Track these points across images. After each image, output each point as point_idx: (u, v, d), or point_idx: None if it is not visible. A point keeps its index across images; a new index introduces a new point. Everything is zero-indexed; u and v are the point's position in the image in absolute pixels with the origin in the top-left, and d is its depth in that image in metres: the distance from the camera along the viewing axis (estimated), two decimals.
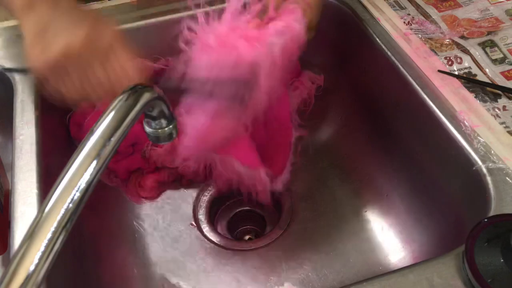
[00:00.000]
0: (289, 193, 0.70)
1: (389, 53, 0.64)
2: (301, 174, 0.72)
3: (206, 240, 0.66)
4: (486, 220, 0.43)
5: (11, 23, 0.70)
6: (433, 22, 0.68)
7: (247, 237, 0.70)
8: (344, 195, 0.71)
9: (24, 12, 0.46)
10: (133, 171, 0.70)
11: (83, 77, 0.45)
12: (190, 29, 0.54)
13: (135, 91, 0.38)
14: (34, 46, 0.45)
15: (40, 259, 0.29)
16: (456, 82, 0.59)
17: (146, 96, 0.39)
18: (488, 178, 0.50)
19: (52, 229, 0.30)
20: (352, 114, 0.76)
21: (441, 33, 0.66)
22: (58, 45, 0.43)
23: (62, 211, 0.31)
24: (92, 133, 0.35)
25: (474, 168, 0.51)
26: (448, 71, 0.61)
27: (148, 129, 0.47)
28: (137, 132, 0.64)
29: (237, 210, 0.72)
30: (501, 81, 0.59)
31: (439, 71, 0.60)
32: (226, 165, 0.63)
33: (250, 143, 0.63)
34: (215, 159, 0.64)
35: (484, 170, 0.51)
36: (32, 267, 0.29)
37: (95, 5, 0.72)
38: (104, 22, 0.47)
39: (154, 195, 0.70)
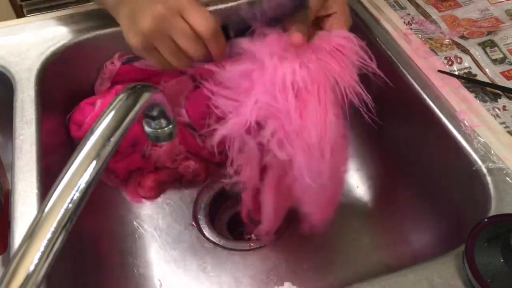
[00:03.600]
0: None
1: (389, 53, 0.64)
2: None
3: (206, 240, 0.66)
4: (486, 220, 0.43)
5: (12, 22, 0.70)
6: (433, 22, 0.68)
7: (247, 237, 0.70)
8: (344, 195, 0.71)
9: (117, 8, 0.54)
10: (133, 171, 0.70)
11: (173, 40, 0.49)
12: None
13: (135, 90, 0.38)
14: (129, 30, 0.51)
15: (40, 259, 0.30)
16: (456, 82, 0.59)
17: (145, 96, 0.39)
18: (488, 178, 0.50)
19: (52, 229, 0.31)
20: (351, 114, 0.76)
21: (441, 33, 0.66)
22: (145, 21, 0.48)
23: (62, 211, 0.31)
24: (91, 133, 0.35)
25: (474, 168, 0.51)
26: (448, 71, 0.60)
27: (148, 129, 0.47)
28: (137, 132, 0.64)
29: (237, 210, 0.71)
30: (501, 81, 0.59)
31: (439, 71, 0.60)
32: None
33: None
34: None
35: (484, 170, 0.51)
36: (32, 267, 0.29)
37: (90, 7, 0.72)
38: None
39: (154, 195, 0.70)
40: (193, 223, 0.68)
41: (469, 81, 0.59)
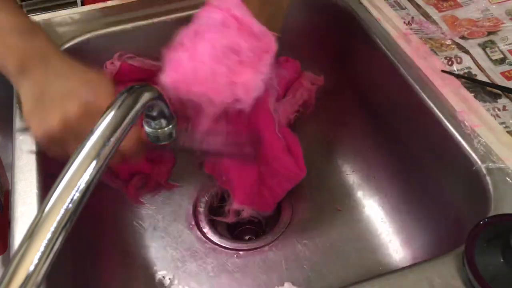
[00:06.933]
0: (289, 193, 0.70)
1: (389, 53, 0.64)
2: None
3: (206, 240, 0.66)
4: (486, 220, 0.43)
5: None
6: (434, 22, 0.68)
7: (247, 237, 0.70)
8: (344, 195, 0.71)
9: (19, 78, 0.46)
10: (135, 173, 0.70)
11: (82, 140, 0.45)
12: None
13: (135, 90, 0.38)
14: (32, 115, 0.45)
15: (40, 259, 0.29)
16: (456, 82, 0.59)
17: (145, 96, 0.39)
18: (488, 178, 0.50)
19: (52, 229, 0.30)
20: (352, 114, 0.76)
21: (442, 33, 0.66)
22: (55, 118, 0.43)
23: (62, 211, 0.31)
24: (91, 133, 0.35)
25: (474, 168, 0.51)
26: (448, 71, 0.60)
27: (148, 129, 0.47)
28: None
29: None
30: (501, 81, 0.59)
31: (443, 71, 0.60)
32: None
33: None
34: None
35: (484, 170, 0.50)
36: (32, 267, 0.29)
37: (90, 7, 0.72)
38: (98, 81, 0.47)
39: (153, 195, 0.70)
40: (193, 223, 0.68)
41: (470, 81, 0.59)
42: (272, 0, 0.57)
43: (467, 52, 0.63)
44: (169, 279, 0.63)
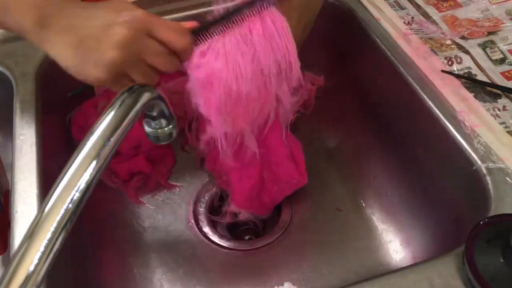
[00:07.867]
0: None
1: (389, 53, 0.64)
2: None
3: (206, 240, 0.66)
4: (486, 220, 0.43)
5: None
6: (434, 22, 0.68)
7: (247, 237, 0.70)
8: (344, 195, 0.71)
9: (42, 32, 0.43)
10: (135, 173, 0.70)
11: (146, 62, 0.44)
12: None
13: (135, 90, 0.38)
14: (82, 64, 0.42)
15: (40, 259, 0.30)
16: (456, 82, 0.59)
17: (145, 96, 0.39)
18: (488, 178, 0.50)
19: (52, 229, 0.31)
20: (352, 114, 0.76)
21: (442, 33, 0.66)
22: (109, 49, 0.41)
23: (62, 211, 0.31)
24: (91, 133, 0.35)
25: (474, 168, 0.51)
26: (448, 71, 0.60)
27: (148, 129, 0.47)
28: (140, 134, 0.64)
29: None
30: (501, 81, 0.59)
31: (443, 71, 0.60)
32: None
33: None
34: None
35: (484, 170, 0.51)
36: (32, 267, 0.29)
37: None
38: (123, 3, 0.45)
39: (153, 195, 0.70)
40: (193, 223, 0.68)
41: (470, 81, 0.59)
42: (307, 11, 0.57)
43: (467, 52, 0.63)
44: (169, 279, 0.63)
